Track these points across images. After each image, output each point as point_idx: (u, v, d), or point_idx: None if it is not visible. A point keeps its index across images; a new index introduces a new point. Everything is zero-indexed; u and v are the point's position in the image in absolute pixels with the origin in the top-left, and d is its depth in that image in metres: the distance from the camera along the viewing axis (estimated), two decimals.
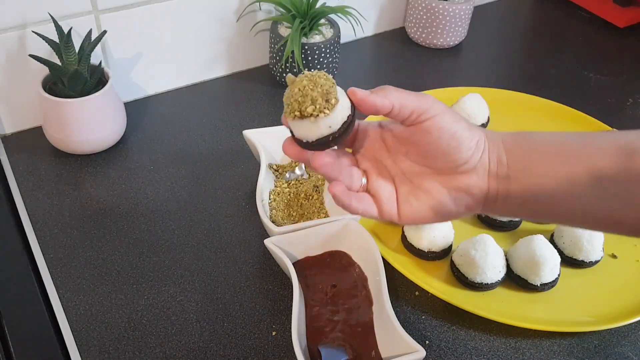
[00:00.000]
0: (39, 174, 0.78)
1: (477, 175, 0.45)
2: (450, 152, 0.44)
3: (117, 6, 0.81)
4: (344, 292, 0.63)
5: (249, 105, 0.92)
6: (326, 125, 0.42)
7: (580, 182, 0.43)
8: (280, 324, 0.64)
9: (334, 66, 0.94)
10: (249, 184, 0.78)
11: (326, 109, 0.42)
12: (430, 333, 0.64)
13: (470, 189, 0.46)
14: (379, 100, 0.43)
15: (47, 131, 0.79)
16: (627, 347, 0.64)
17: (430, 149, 0.45)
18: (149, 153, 0.83)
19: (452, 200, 0.46)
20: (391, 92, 0.44)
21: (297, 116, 0.42)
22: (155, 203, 0.76)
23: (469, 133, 0.44)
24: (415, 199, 0.47)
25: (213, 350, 0.61)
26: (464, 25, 1.06)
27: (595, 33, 1.16)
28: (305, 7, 0.88)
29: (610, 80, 1.04)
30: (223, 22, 0.91)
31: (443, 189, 0.46)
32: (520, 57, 1.11)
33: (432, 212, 0.47)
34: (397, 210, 0.47)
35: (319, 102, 0.41)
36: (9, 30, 0.75)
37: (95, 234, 0.71)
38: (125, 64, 0.87)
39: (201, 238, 0.72)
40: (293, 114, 0.42)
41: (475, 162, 0.45)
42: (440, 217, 0.47)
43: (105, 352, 0.60)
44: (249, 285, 0.67)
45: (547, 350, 0.63)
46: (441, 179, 0.46)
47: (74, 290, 0.65)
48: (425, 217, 0.47)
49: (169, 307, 0.64)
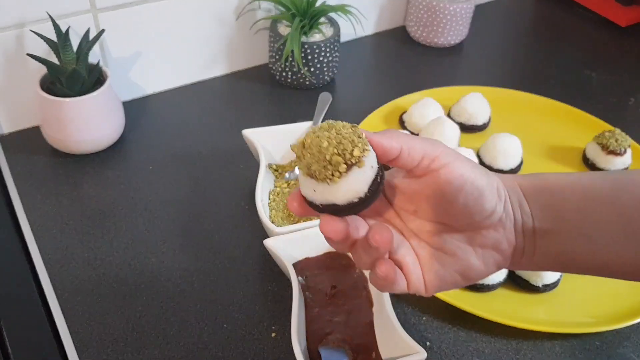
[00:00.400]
0: (36, 174, 0.78)
1: (503, 229, 0.40)
2: (474, 204, 0.38)
3: (115, 5, 0.80)
4: (344, 293, 0.63)
5: (248, 105, 0.92)
6: (349, 189, 0.36)
7: (613, 231, 0.38)
8: (280, 325, 0.63)
9: (333, 65, 0.94)
10: (248, 184, 0.78)
11: (339, 173, 0.35)
12: (431, 334, 0.63)
13: (498, 244, 0.40)
14: (386, 141, 0.37)
15: (45, 131, 0.78)
16: (629, 349, 0.63)
17: (448, 202, 0.38)
18: (147, 153, 0.82)
19: (480, 259, 0.40)
20: (398, 134, 0.38)
21: (320, 178, 0.36)
22: (154, 203, 0.75)
23: (487, 180, 0.39)
24: (440, 264, 0.40)
25: (212, 352, 0.60)
26: (465, 24, 1.06)
27: (597, 32, 1.16)
28: (305, 6, 0.88)
29: (612, 79, 1.03)
30: (222, 21, 0.91)
31: (468, 247, 0.40)
32: (522, 56, 1.11)
33: (461, 277, 0.41)
34: (423, 280, 0.41)
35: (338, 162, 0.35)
36: (6, 30, 0.75)
37: (93, 234, 0.71)
38: (124, 63, 0.86)
39: (201, 238, 0.71)
40: (313, 177, 0.36)
41: (500, 212, 0.39)
42: (470, 281, 0.41)
43: (104, 353, 0.60)
44: (248, 286, 0.67)
45: (549, 352, 0.62)
46: (464, 236, 0.40)
47: (72, 291, 0.65)
48: (454, 283, 0.41)
49: (167, 308, 0.64)
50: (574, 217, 0.39)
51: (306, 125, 0.78)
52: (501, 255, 0.41)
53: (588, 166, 0.84)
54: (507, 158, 0.80)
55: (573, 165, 0.84)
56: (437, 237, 0.41)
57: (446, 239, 0.40)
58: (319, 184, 0.36)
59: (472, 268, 0.40)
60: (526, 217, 0.40)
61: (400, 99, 0.91)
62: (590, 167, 0.83)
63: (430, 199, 0.39)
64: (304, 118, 0.82)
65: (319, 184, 0.36)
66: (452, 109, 0.89)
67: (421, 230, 0.41)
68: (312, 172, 0.36)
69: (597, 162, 0.83)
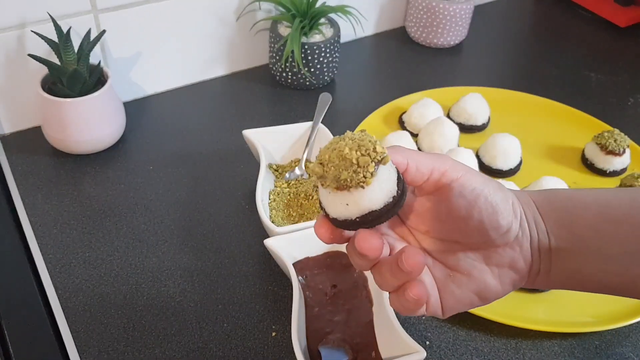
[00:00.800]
0: (38, 174, 0.78)
1: (520, 247, 0.39)
2: (489, 220, 0.37)
3: (116, 5, 0.81)
4: (344, 292, 0.63)
5: (248, 105, 0.92)
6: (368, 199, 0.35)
7: (630, 250, 0.37)
8: (280, 324, 0.63)
9: (333, 66, 0.94)
10: (248, 184, 0.78)
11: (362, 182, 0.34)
12: (430, 333, 0.64)
13: (515, 263, 0.39)
14: (393, 156, 0.36)
15: (46, 131, 0.79)
16: (628, 348, 0.63)
17: (462, 219, 0.37)
18: (148, 153, 0.82)
19: (496, 279, 0.39)
20: (404, 149, 0.37)
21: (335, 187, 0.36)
22: (154, 203, 0.75)
23: (502, 195, 0.38)
24: (456, 285, 0.39)
25: (212, 351, 0.61)
26: (465, 25, 1.06)
27: (596, 32, 1.16)
28: (305, 7, 0.88)
29: (611, 79, 1.03)
30: (223, 22, 0.91)
31: (484, 267, 0.39)
32: (521, 56, 1.11)
33: (478, 297, 0.40)
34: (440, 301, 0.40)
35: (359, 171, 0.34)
36: (8, 30, 0.75)
37: (94, 234, 0.71)
38: (125, 63, 0.87)
39: (201, 238, 0.71)
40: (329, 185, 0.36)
41: (517, 230, 0.38)
42: (486, 301, 0.40)
43: (105, 352, 0.60)
44: (248, 285, 0.67)
45: (548, 351, 0.63)
46: (479, 255, 0.39)
47: (73, 290, 0.65)
48: (470, 304, 0.40)
49: (168, 308, 0.64)
50: (590, 235, 0.38)
51: (306, 126, 0.78)
52: (518, 274, 0.40)
53: (587, 166, 0.84)
54: (507, 158, 0.80)
55: (572, 166, 0.85)
56: (452, 257, 0.39)
57: (461, 258, 0.39)
58: (352, 193, 0.35)
59: (489, 288, 0.39)
60: (542, 234, 0.39)
61: (399, 99, 0.91)
62: (589, 167, 0.84)
63: (442, 216, 0.38)
64: (304, 118, 0.82)
65: (352, 194, 0.35)
66: (451, 109, 0.89)
67: (435, 250, 0.40)
68: (344, 181, 0.34)
69: (596, 162, 0.83)
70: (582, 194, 0.40)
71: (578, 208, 0.39)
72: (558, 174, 0.78)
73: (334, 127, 0.79)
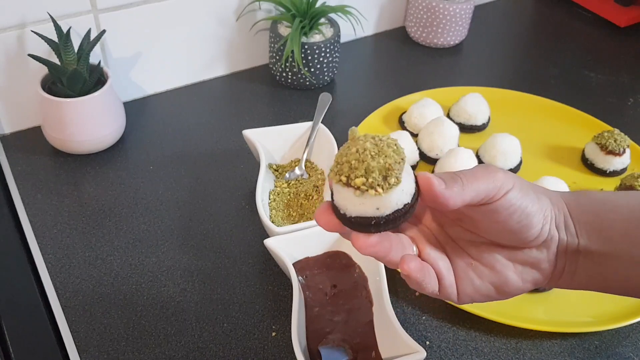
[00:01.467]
0: (38, 174, 0.78)
1: (547, 249, 0.40)
2: (520, 230, 0.38)
3: (116, 5, 0.81)
4: (344, 292, 0.63)
5: (248, 105, 0.92)
6: (373, 206, 0.34)
7: None
8: (280, 324, 0.63)
9: (333, 66, 0.94)
10: (249, 184, 0.78)
11: (380, 188, 0.33)
12: (430, 333, 0.64)
13: (539, 263, 0.40)
14: (455, 199, 0.35)
15: (46, 131, 0.79)
16: (628, 348, 0.63)
17: (496, 223, 0.38)
18: (148, 153, 0.82)
19: (518, 275, 0.40)
20: (467, 184, 0.35)
21: (343, 182, 0.34)
22: (154, 203, 0.75)
23: (538, 205, 0.38)
24: (477, 275, 0.40)
25: (213, 351, 0.61)
26: (465, 25, 1.06)
27: (596, 32, 1.16)
28: (305, 7, 0.88)
29: (611, 79, 1.03)
30: (223, 22, 0.91)
31: (508, 262, 0.40)
32: (521, 56, 1.11)
33: (496, 290, 0.40)
34: (455, 287, 0.40)
35: (374, 176, 0.33)
36: (8, 30, 0.75)
37: (94, 234, 0.71)
38: (125, 63, 0.87)
39: (201, 238, 0.72)
40: (338, 177, 0.34)
41: (546, 235, 0.39)
42: (504, 295, 0.41)
43: (105, 352, 0.60)
44: (248, 285, 0.67)
45: (548, 351, 0.63)
46: (505, 251, 0.40)
47: (73, 290, 0.65)
48: (487, 295, 0.41)
49: (168, 308, 0.64)
50: (620, 239, 0.39)
51: (306, 126, 0.78)
52: (541, 274, 0.40)
53: (587, 166, 0.84)
54: (507, 158, 0.80)
55: (572, 166, 0.85)
56: (476, 249, 0.40)
57: (486, 251, 0.40)
58: (371, 197, 0.34)
59: (509, 283, 0.40)
60: (571, 237, 0.40)
61: (399, 99, 0.91)
62: (589, 167, 0.84)
63: (476, 215, 0.38)
64: (304, 118, 0.82)
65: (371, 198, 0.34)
66: (451, 109, 0.89)
67: (461, 239, 0.41)
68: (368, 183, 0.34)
69: (596, 162, 0.83)
70: (614, 197, 0.41)
71: (609, 211, 0.39)
72: (558, 174, 0.78)
73: (334, 127, 0.79)
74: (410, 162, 0.79)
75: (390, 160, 0.34)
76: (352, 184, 0.34)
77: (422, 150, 0.82)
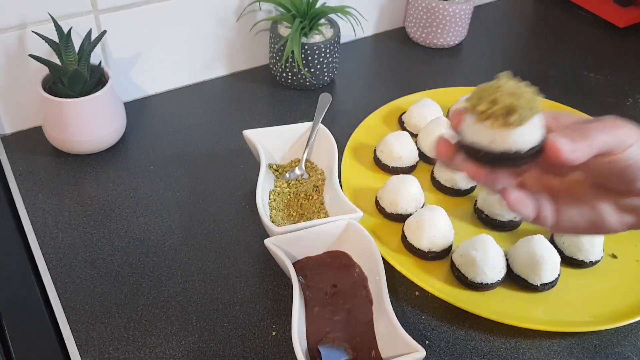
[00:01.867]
0: (38, 174, 0.78)
1: None
2: (631, 181, 0.39)
3: (117, 6, 0.81)
4: (344, 292, 0.63)
5: (249, 105, 0.92)
6: (488, 138, 0.36)
7: None
8: (280, 324, 0.63)
9: (333, 66, 0.94)
10: (249, 184, 0.78)
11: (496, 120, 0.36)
12: (430, 333, 0.64)
13: None
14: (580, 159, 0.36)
15: (47, 131, 0.79)
16: (628, 347, 0.63)
17: (606, 175, 0.40)
18: (148, 153, 0.83)
19: (616, 218, 0.42)
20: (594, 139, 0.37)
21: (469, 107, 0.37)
22: (155, 203, 0.75)
23: None
24: (578, 211, 0.42)
25: (213, 350, 0.61)
26: (464, 25, 1.06)
27: (595, 33, 1.16)
28: (305, 7, 0.88)
29: (610, 80, 1.04)
30: (223, 22, 0.91)
31: (610, 206, 0.42)
32: (520, 56, 1.11)
33: (591, 225, 0.43)
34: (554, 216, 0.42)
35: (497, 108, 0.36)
36: (8, 30, 0.75)
37: (95, 233, 0.71)
38: (125, 63, 0.87)
39: (201, 238, 0.72)
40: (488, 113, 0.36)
41: None
42: (597, 232, 0.44)
43: (105, 352, 0.60)
44: (249, 285, 0.67)
45: (547, 351, 0.63)
46: (609, 195, 0.42)
47: (74, 290, 0.65)
48: (582, 229, 0.43)
49: (168, 307, 0.64)
50: None
51: (306, 126, 0.78)
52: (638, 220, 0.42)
53: None
54: None
55: None
56: (582, 187, 0.42)
57: (591, 191, 0.42)
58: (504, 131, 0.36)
59: (606, 224, 0.42)
60: None
61: (399, 99, 0.91)
62: None
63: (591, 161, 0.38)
64: (304, 118, 0.82)
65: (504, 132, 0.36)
66: (451, 110, 0.89)
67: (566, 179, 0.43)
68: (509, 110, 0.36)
69: None
70: None
71: None
72: None
73: (334, 127, 0.79)
74: (410, 161, 0.79)
75: (518, 102, 0.35)
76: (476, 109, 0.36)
77: (422, 150, 0.82)
